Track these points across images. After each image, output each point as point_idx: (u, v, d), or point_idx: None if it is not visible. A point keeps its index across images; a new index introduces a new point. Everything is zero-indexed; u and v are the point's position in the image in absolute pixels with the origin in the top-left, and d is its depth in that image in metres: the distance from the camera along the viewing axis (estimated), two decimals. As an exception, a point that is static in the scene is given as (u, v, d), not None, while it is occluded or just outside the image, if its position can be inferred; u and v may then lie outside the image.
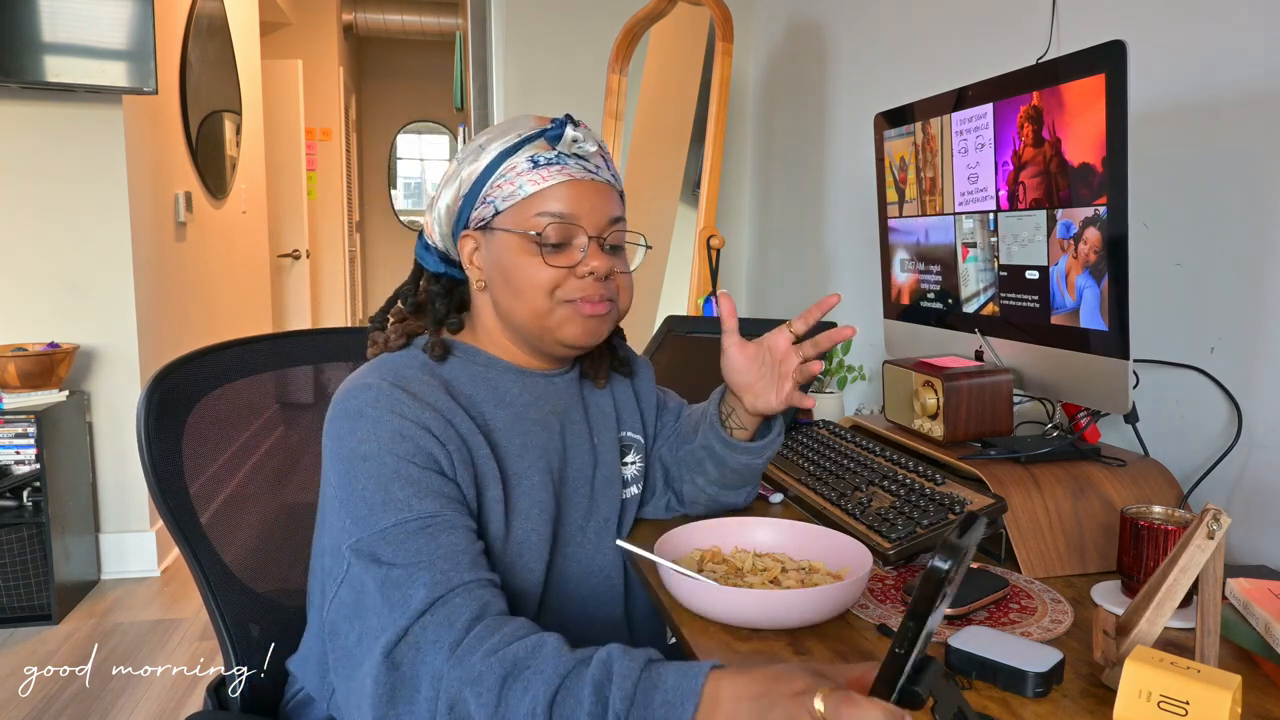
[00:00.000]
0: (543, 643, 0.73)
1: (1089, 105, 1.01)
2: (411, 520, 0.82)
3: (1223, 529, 0.69)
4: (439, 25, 6.80)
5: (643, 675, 0.67)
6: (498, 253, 0.95)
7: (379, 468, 0.84)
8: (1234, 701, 0.60)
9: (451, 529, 0.83)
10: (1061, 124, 1.06)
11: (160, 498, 0.99)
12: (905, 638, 0.53)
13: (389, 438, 0.85)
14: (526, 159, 0.93)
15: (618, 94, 2.57)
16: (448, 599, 0.77)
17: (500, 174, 0.94)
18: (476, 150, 0.96)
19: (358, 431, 0.86)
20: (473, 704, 0.71)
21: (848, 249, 2.25)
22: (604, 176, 0.96)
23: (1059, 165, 1.07)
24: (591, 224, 0.94)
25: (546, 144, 0.93)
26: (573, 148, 0.94)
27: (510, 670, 0.71)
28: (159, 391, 1.01)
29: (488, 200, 0.94)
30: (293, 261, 5.62)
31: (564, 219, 0.92)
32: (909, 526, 0.99)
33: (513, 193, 0.93)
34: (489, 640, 0.74)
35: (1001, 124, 1.17)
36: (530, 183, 0.93)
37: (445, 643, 0.74)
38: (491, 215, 0.95)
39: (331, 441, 0.87)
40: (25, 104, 2.83)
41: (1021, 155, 1.14)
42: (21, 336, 2.88)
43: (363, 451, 0.85)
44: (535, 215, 0.93)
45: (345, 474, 0.85)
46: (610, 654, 0.70)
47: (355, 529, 0.83)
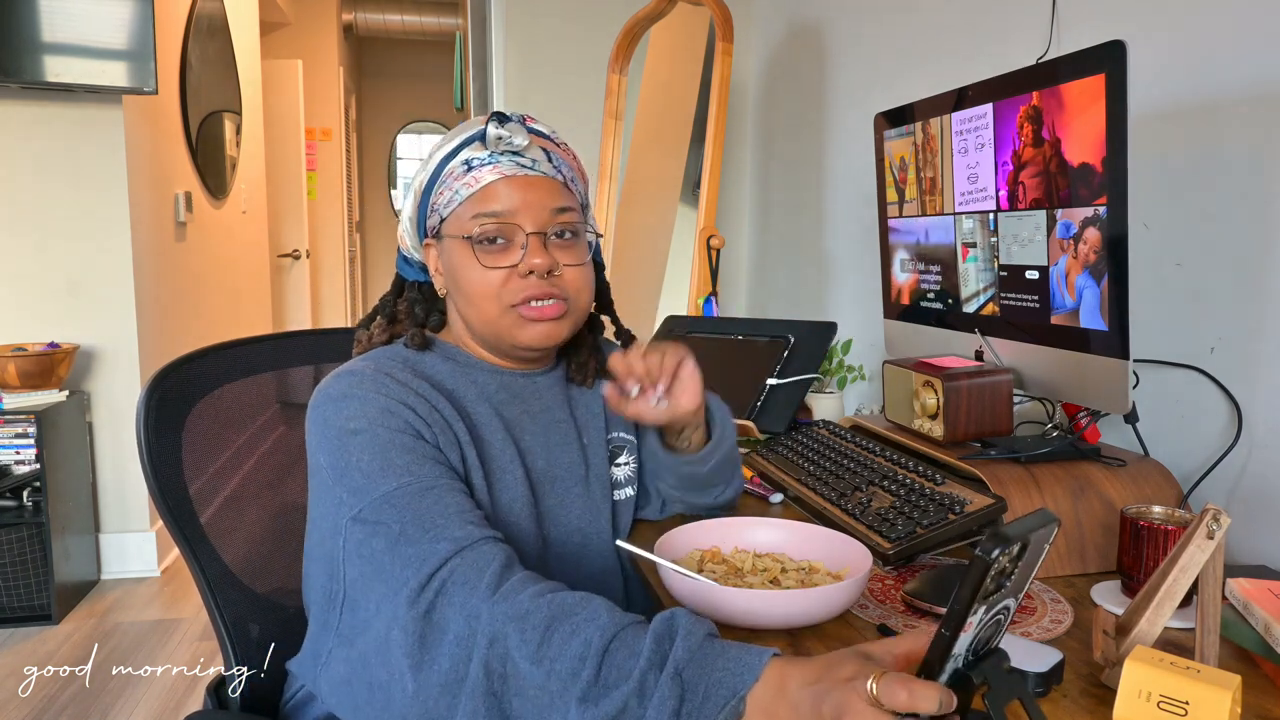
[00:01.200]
0: (591, 598, 0.72)
1: (1089, 105, 1.01)
2: (414, 484, 0.81)
3: (1223, 529, 0.69)
4: (439, 25, 6.80)
5: (707, 639, 0.67)
6: (448, 259, 0.96)
7: (372, 439, 0.84)
8: (1234, 701, 0.60)
9: (453, 491, 0.83)
10: (1061, 124, 1.06)
11: (160, 498, 0.99)
12: (951, 621, 0.55)
13: (378, 413, 0.85)
14: (462, 163, 0.93)
15: (618, 94, 2.57)
16: (475, 547, 0.77)
17: (441, 180, 0.94)
18: (427, 158, 0.96)
19: (345, 410, 0.86)
20: (514, 639, 0.69)
21: (848, 249, 2.25)
22: (541, 169, 0.94)
23: (1059, 165, 1.07)
24: (530, 219, 0.92)
25: (480, 144, 0.93)
26: (500, 145, 0.92)
27: (559, 613, 0.70)
28: (158, 392, 1.02)
29: (435, 208, 0.95)
30: (293, 261, 5.62)
31: (498, 217, 0.92)
32: (909, 526, 0.99)
33: (451, 198, 0.93)
34: (534, 585, 0.73)
35: (1001, 124, 1.17)
36: (465, 186, 0.93)
37: (480, 584, 0.73)
38: (439, 222, 0.95)
39: (317, 425, 0.87)
40: (25, 104, 2.82)
41: (1021, 155, 1.14)
42: (21, 336, 2.88)
43: (353, 427, 0.84)
44: (472, 217, 0.92)
45: (337, 450, 0.84)
46: (675, 613, 0.69)
47: (354, 500, 0.82)
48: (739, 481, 1.15)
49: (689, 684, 0.64)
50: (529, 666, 0.68)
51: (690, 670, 0.64)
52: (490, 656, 0.70)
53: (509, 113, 0.94)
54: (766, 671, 0.63)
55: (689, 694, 0.63)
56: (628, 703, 0.64)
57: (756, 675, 0.63)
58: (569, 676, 0.66)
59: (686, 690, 0.64)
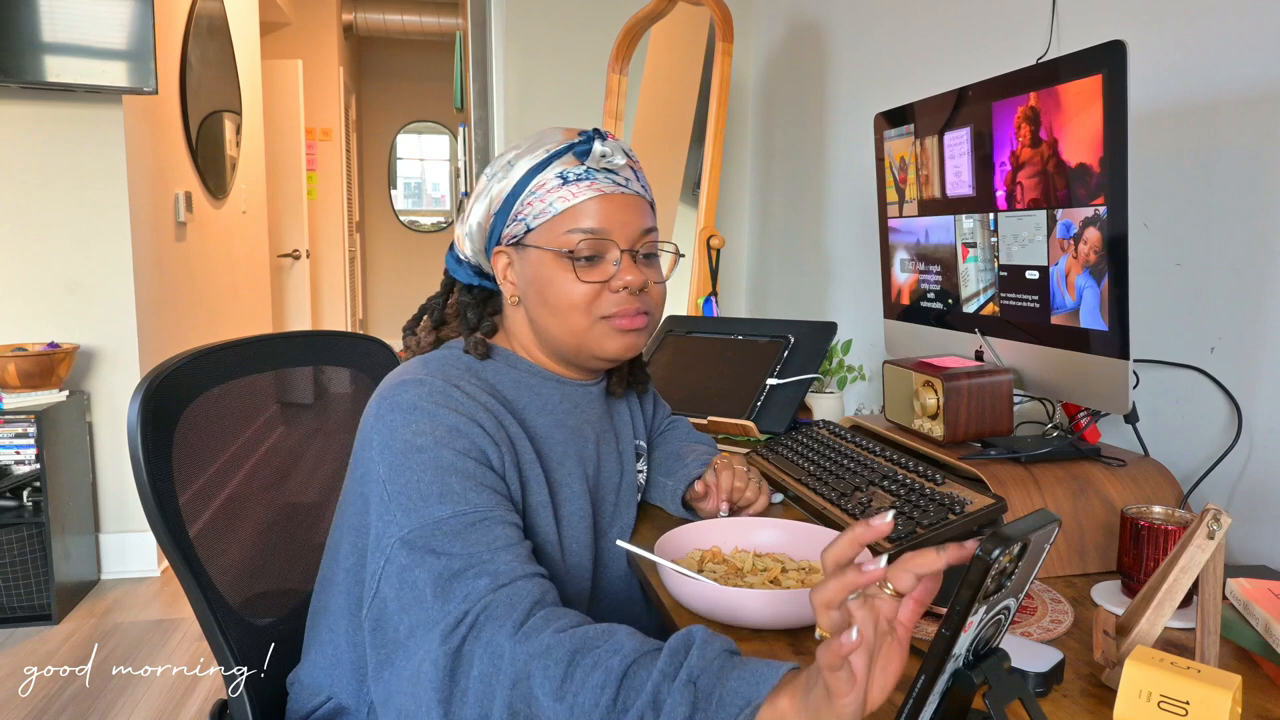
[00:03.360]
0: (615, 629, 0.71)
1: (1086, 106, 1.01)
2: (468, 513, 0.81)
3: (1223, 529, 0.69)
4: (439, 25, 6.80)
5: (724, 653, 0.66)
6: (532, 269, 0.95)
7: (435, 460, 0.83)
8: (1234, 701, 0.60)
9: (504, 524, 0.83)
10: (1059, 124, 1.05)
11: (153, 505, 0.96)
12: (951, 621, 0.55)
13: (445, 432, 0.85)
14: (555, 175, 0.93)
15: (618, 94, 2.57)
16: (513, 585, 0.77)
17: (530, 191, 0.94)
18: (506, 167, 0.96)
19: (413, 424, 0.85)
20: (538, 677, 0.68)
21: (848, 249, 2.25)
22: (634, 188, 0.97)
23: (1056, 166, 1.07)
24: (623, 237, 0.95)
25: (575, 159, 0.94)
26: (601, 162, 0.94)
27: (582, 646, 0.69)
28: (153, 400, 0.98)
29: (519, 218, 0.95)
30: (293, 261, 5.62)
31: (596, 234, 0.93)
32: (909, 526, 0.99)
33: (543, 210, 0.94)
34: (557, 621, 0.72)
35: (999, 124, 1.17)
36: (560, 199, 0.93)
37: (508, 622, 0.73)
38: (524, 232, 0.95)
39: (381, 435, 0.85)
40: (25, 104, 2.83)
41: (1019, 156, 1.14)
42: (21, 336, 2.88)
43: (419, 444, 0.84)
44: (567, 232, 0.93)
45: (398, 466, 0.83)
46: (693, 629, 0.68)
47: (406, 520, 0.81)
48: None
49: (702, 692, 0.63)
50: (551, 704, 0.67)
51: (705, 679, 0.64)
52: (514, 698, 0.69)
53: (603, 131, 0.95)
54: (783, 683, 0.62)
55: (701, 702, 0.63)
56: (643, 715, 0.64)
57: (772, 685, 0.61)
58: (590, 708, 0.66)
59: (699, 698, 0.63)
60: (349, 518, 0.92)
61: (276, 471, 1.18)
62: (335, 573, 0.95)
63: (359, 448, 0.89)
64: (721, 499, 1.11)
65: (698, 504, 1.15)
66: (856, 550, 0.57)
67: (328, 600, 0.96)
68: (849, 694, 0.55)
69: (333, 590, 0.95)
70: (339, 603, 0.94)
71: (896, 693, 0.72)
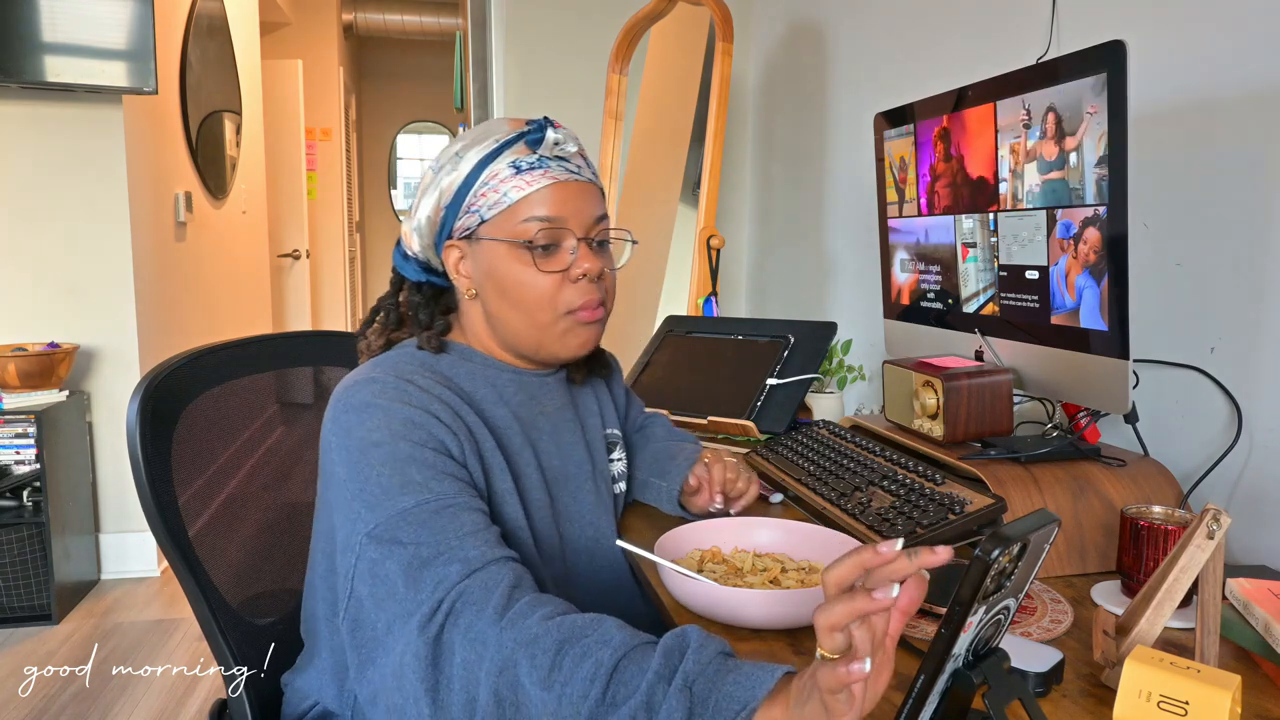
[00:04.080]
0: (602, 619, 0.71)
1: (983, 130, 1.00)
2: (431, 501, 0.81)
3: (1223, 529, 0.69)
4: (439, 25, 6.80)
5: (719, 655, 0.65)
6: (487, 262, 0.94)
7: (392, 453, 0.83)
8: (1234, 701, 0.60)
9: (470, 510, 0.82)
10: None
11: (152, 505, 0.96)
12: (951, 621, 0.55)
13: (400, 424, 0.84)
14: (508, 164, 0.92)
15: (618, 94, 2.57)
16: (485, 569, 0.76)
17: (483, 182, 0.93)
18: (454, 159, 0.94)
19: (367, 422, 0.84)
20: (524, 665, 0.68)
21: (848, 249, 2.25)
22: (586, 175, 0.96)
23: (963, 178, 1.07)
24: (579, 225, 0.94)
25: (526, 148, 0.93)
26: (554, 150, 0.93)
27: (570, 636, 0.68)
28: (152, 401, 0.98)
29: (472, 209, 0.93)
30: (293, 261, 5.62)
31: (552, 222, 0.92)
32: (909, 526, 0.99)
33: (497, 201, 0.92)
34: (542, 608, 0.72)
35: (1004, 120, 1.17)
36: (514, 189, 0.92)
37: (487, 607, 0.72)
38: (477, 224, 0.94)
39: (338, 436, 0.85)
40: (25, 104, 2.83)
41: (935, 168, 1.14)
42: (21, 336, 2.88)
43: (374, 439, 0.83)
44: (523, 221, 0.92)
45: (356, 464, 0.83)
46: (687, 629, 0.68)
47: (370, 515, 0.80)
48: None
49: (698, 697, 0.63)
50: (540, 692, 0.67)
51: (700, 684, 0.63)
52: (500, 685, 0.69)
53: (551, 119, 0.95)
54: (780, 686, 0.61)
55: (698, 707, 0.62)
56: (635, 716, 0.63)
57: (769, 689, 0.61)
58: (579, 699, 0.65)
59: (695, 703, 0.62)
60: (320, 523, 0.92)
61: (276, 471, 1.18)
62: (313, 579, 0.95)
63: (321, 454, 0.89)
64: (716, 492, 1.12)
65: (691, 499, 1.15)
66: (861, 574, 0.57)
67: (312, 607, 0.96)
68: (847, 714, 0.55)
69: (313, 597, 0.96)
70: (318, 609, 0.94)
71: (896, 692, 0.72)
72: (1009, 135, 1.15)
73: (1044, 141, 1.09)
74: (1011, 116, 1.15)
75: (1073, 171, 1.05)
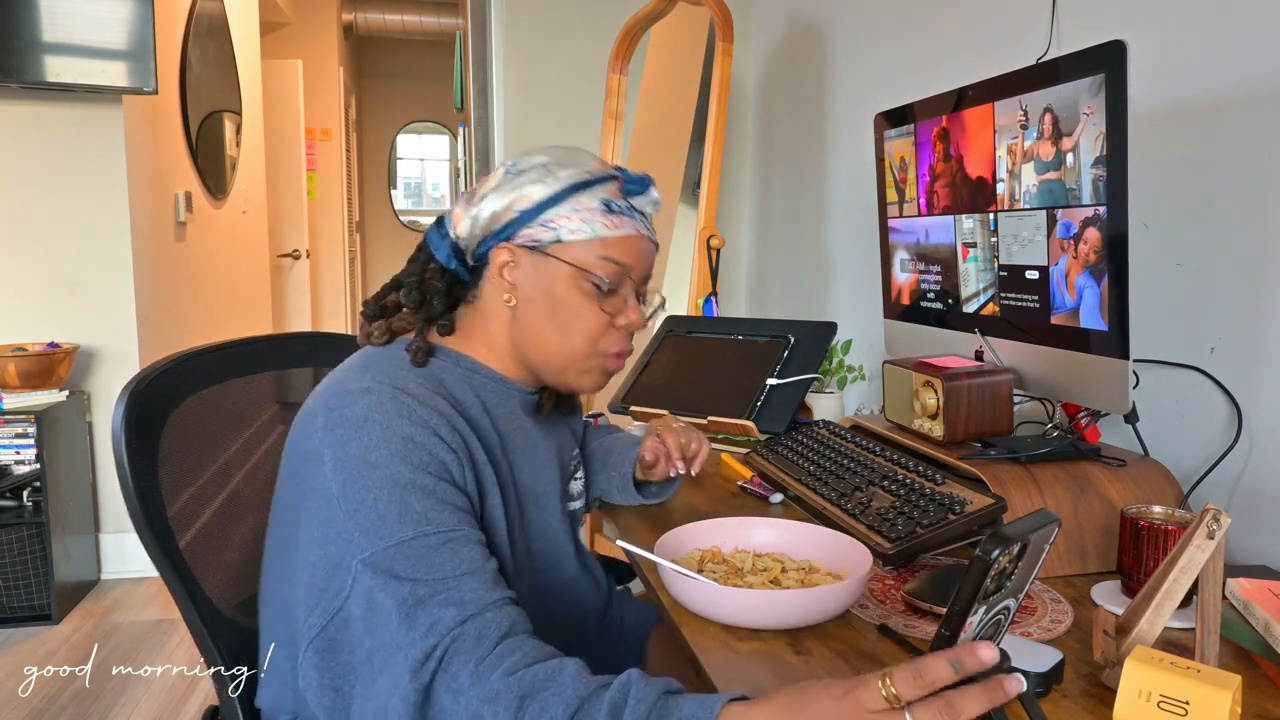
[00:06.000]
0: (563, 666, 0.71)
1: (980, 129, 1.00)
2: (430, 534, 0.79)
3: (1223, 529, 0.69)
4: (439, 25, 6.79)
5: (659, 701, 0.66)
6: (548, 279, 0.93)
7: (391, 477, 0.80)
8: (1234, 701, 0.60)
9: (469, 543, 0.81)
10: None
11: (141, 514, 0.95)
12: (951, 621, 0.56)
13: (400, 444, 0.82)
14: (599, 200, 0.93)
15: (617, 94, 2.57)
16: (481, 615, 0.76)
17: (570, 204, 0.93)
18: (543, 171, 0.94)
19: (364, 439, 0.82)
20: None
21: (848, 249, 2.25)
22: (655, 239, 0.99)
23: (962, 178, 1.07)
24: (639, 280, 0.97)
25: (619, 192, 0.95)
26: (646, 206, 0.97)
27: (529, 690, 0.70)
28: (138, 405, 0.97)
29: (550, 225, 0.92)
30: (293, 261, 5.62)
31: (623, 268, 0.94)
32: (909, 526, 0.99)
33: (581, 228, 0.92)
34: (510, 659, 0.72)
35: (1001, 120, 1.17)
36: (605, 225, 0.93)
37: (471, 660, 0.73)
38: (551, 240, 0.93)
39: (331, 449, 0.82)
40: (25, 104, 2.82)
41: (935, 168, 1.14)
42: (21, 336, 2.88)
43: (372, 459, 0.81)
44: (601, 257, 0.93)
45: (351, 483, 0.80)
46: (630, 678, 0.69)
47: (366, 542, 0.79)
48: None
49: None
50: None
51: None
52: None
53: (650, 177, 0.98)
54: (724, 714, 0.63)
55: None
56: None
57: (715, 714, 0.63)
58: None
59: None
60: (280, 526, 0.89)
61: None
62: (278, 587, 0.91)
63: (300, 460, 0.85)
64: (676, 458, 1.14)
65: (650, 474, 1.16)
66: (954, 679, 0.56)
67: (269, 618, 0.93)
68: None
69: (270, 607, 0.93)
70: (275, 619, 0.91)
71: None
72: (1007, 136, 1.15)
73: (1041, 142, 1.09)
74: (1009, 117, 1.15)
75: (1069, 172, 1.05)
